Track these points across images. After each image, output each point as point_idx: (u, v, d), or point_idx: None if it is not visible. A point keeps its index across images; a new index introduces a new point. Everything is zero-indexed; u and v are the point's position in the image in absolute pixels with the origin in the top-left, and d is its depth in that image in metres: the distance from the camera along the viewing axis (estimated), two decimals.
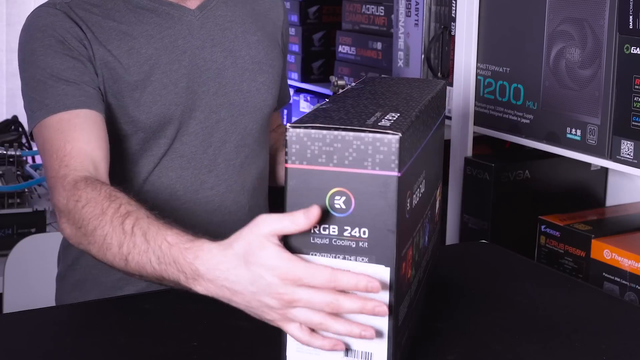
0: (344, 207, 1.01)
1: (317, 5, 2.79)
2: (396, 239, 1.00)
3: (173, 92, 1.48)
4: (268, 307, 1.05)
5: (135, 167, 1.50)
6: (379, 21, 2.38)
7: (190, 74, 1.50)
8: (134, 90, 1.46)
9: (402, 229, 1.01)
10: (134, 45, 1.46)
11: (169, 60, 1.48)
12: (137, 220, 1.20)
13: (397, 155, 0.98)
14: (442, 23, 2.06)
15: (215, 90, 1.52)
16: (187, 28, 1.51)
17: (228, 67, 1.53)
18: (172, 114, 1.48)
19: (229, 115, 1.53)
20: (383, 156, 0.98)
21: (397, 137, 0.97)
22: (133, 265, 1.19)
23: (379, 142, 0.98)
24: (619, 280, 1.62)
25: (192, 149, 1.51)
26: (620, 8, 1.56)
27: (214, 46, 1.52)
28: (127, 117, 1.46)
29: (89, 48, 1.44)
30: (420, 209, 1.13)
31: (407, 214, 1.03)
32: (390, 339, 1.03)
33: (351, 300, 1.01)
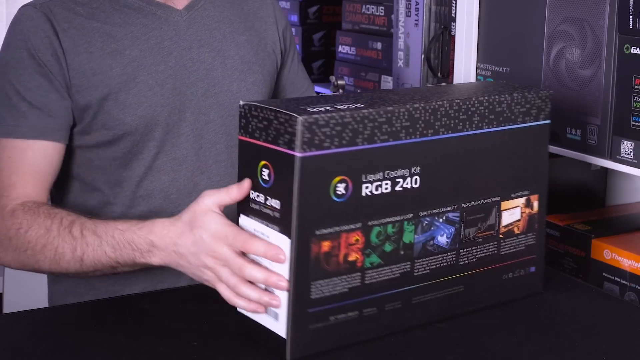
0: (267, 179, 1.15)
1: (317, 5, 2.79)
2: (297, 216, 1.10)
3: (159, 94, 1.47)
4: (205, 267, 1.21)
5: (126, 172, 1.49)
6: (379, 21, 2.38)
7: (177, 75, 1.48)
8: (118, 92, 1.44)
9: (319, 208, 1.12)
10: (117, 47, 1.45)
11: (154, 61, 1.47)
12: (82, 224, 1.33)
13: (299, 136, 1.08)
14: (442, 23, 2.06)
15: (204, 91, 1.51)
16: (173, 29, 1.49)
17: (217, 67, 1.52)
18: (159, 116, 1.47)
19: (219, 117, 1.52)
20: (289, 136, 1.10)
21: (301, 119, 1.08)
22: (88, 263, 1.32)
23: (287, 123, 1.10)
24: (619, 280, 1.62)
25: (184, 151, 1.50)
26: (620, 8, 1.56)
27: (201, 47, 1.51)
28: (113, 121, 1.45)
29: (63, 60, 1.42)
30: (394, 201, 1.19)
31: (335, 198, 1.13)
32: (289, 314, 1.14)
33: (257, 269, 1.15)
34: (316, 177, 1.12)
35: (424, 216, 1.23)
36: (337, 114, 1.12)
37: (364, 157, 1.15)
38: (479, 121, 1.27)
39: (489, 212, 1.31)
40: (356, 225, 1.16)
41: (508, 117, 1.30)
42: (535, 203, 1.34)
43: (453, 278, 1.28)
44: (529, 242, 1.34)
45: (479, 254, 1.30)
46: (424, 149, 1.21)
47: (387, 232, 1.20)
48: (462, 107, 1.25)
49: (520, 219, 1.33)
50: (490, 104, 1.29)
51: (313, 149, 1.10)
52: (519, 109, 1.31)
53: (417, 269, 1.24)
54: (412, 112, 1.19)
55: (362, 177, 1.16)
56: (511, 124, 1.30)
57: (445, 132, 1.23)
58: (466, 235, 1.29)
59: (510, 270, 1.33)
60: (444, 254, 1.26)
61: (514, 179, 1.32)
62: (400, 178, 1.20)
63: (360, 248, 1.17)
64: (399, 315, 1.23)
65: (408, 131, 1.19)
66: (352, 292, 1.18)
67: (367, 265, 1.19)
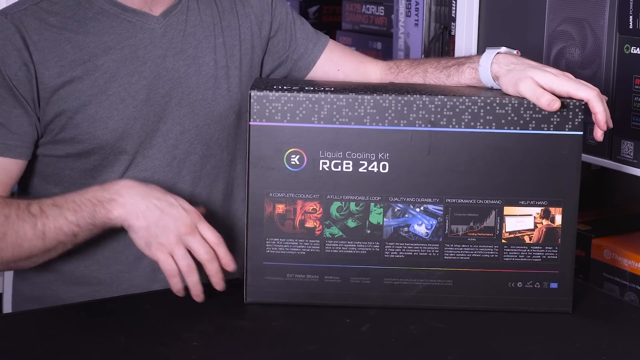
0: None
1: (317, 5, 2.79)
2: (250, 176, 1.31)
3: (131, 106, 1.43)
4: (169, 230, 1.30)
5: (96, 182, 1.43)
6: (379, 21, 2.38)
7: (152, 85, 1.44)
8: (88, 105, 1.41)
9: (273, 174, 1.30)
10: (89, 57, 1.41)
11: (127, 72, 1.43)
12: (40, 202, 1.35)
13: (251, 108, 1.29)
14: (442, 23, 2.06)
15: (178, 100, 1.47)
16: (149, 37, 1.45)
17: (191, 75, 1.48)
18: (131, 129, 1.43)
19: (194, 126, 1.48)
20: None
21: (252, 93, 1.29)
22: (50, 236, 1.33)
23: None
24: (619, 280, 1.62)
25: (155, 162, 1.46)
26: (620, 8, 1.56)
27: (176, 54, 1.47)
28: (83, 134, 1.41)
29: (32, 73, 1.39)
30: (358, 182, 1.30)
31: (289, 167, 1.30)
32: (245, 262, 1.35)
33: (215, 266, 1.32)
34: (268, 146, 1.30)
35: (395, 202, 1.30)
36: (290, 93, 1.29)
37: (320, 135, 1.29)
38: (470, 120, 1.29)
39: (485, 213, 1.31)
40: (313, 196, 1.31)
41: (513, 120, 1.29)
42: (557, 216, 1.31)
43: (436, 270, 1.31)
44: (548, 255, 1.32)
45: (472, 254, 1.31)
46: (394, 138, 1.29)
47: (350, 209, 1.31)
48: (446, 104, 1.28)
49: (533, 228, 1.32)
50: (487, 105, 1.29)
51: (264, 120, 1.29)
52: (531, 114, 1.29)
53: (388, 251, 1.31)
54: (379, 101, 1.29)
55: (320, 153, 1.30)
56: (518, 128, 1.29)
57: (424, 125, 1.29)
58: (453, 230, 1.31)
59: (519, 280, 1.32)
60: (423, 243, 1.31)
61: (524, 186, 1.31)
62: (365, 161, 1.30)
63: (318, 217, 1.31)
64: (367, 291, 1.32)
65: (374, 118, 1.29)
66: (310, 257, 1.32)
67: (327, 235, 1.31)
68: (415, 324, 1.28)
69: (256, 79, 1.41)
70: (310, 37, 1.62)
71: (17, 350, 1.18)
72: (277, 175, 1.30)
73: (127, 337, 1.22)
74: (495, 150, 1.30)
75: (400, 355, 1.19)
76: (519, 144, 1.30)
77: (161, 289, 1.46)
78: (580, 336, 1.26)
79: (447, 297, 1.32)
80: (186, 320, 1.28)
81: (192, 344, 1.20)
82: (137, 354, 1.17)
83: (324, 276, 1.32)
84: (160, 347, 1.19)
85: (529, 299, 1.32)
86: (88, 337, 1.22)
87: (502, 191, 1.31)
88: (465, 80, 1.44)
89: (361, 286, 1.32)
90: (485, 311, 1.31)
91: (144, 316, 1.30)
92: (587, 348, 1.22)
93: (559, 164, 1.30)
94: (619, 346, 1.23)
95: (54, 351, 1.18)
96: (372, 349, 1.20)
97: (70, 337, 1.22)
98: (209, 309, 1.32)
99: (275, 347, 1.21)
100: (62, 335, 1.24)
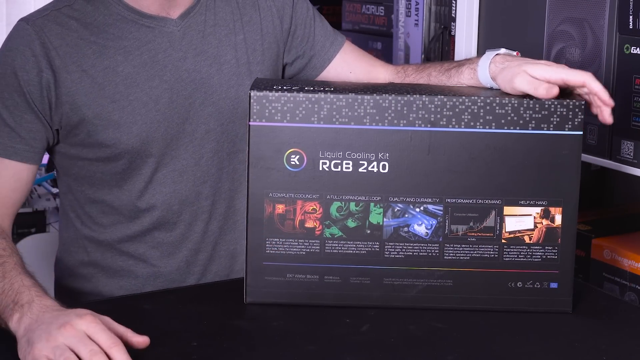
0: None
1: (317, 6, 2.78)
2: (250, 176, 1.30)
3: (154, 110, 1.44)
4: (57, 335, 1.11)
5: (127, 185, 1.48)
6: (379, 21, 2.38)
7: (173, 89, 1.46)
8: (112, 112, 1.43)
9: (273, 174, 1.30)
10: (110, 63, 1.43)
11: (148, 76, 1.44)
12: (3, 264, 1.26)
13: (251, 108, 1.29)
14: (442, 23, 2.06)
15: (202, 100, 1.48)
16: (167, 40, 1.46)
17: (213, 75, 1.49)
18: (155, 132, 1.45)
19: (219, 125, 1.49)
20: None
21: (252, 93, 1.29)
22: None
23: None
24: (619, 280, 1.62)
25: (184, 162, 1.48)
26: (620, 8, 1.56)
27: (197, 55, 1.48)
28: (109, 139, 1.44)
29: (51, 79, 1.40)
30: (358, 182, 1.30)
31: (289, 167, 1.30)
32: (246, 263, 1.32)
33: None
34: (268, 146, 1.30)
35: (394, 202, 1.30)
36: (290, 93, 1.29)
37: (320, 135, 1.29)
38: (470, 120, 1.29)
39: (485, 213, 1.31)
40: (313, 196, 1.31)
41: (514, 120, 1.29)
42: (557, 216, 1.31)
43: (437, 270, 1.31)
44: (548, 255, 1.32)
45: (471, 253, 1.31)
46: (394, 138, 1.29)
47: (350, 209, 1.31)
48: (446, 104, 1.28)
49: (533, 228, 1.32)
50: (487, 105, 1.29)
51: (264, 120, 1.29)
52: (530, 114, 1.29)
53: (388, 251, 1.31)
54: (378, 101, 1.29)
55: (320, 153, 1.30)
56: (519, 128, 1.29)
57: (423, 125, 1.29)
58: (452, 230, 1.31)
59: (519, 280, 1.32)
60: (423, 243, 1.31)
61: (524, 186, 1.31)
62: (364, 161, 1.30)
63: (318, 218, 1.31)
64: (367, 291, 1.32)
65: (374, 118, 1.29)
66: (310, 257, 1.31)
67: (327, 235, 1.32)
68: (415, 324, 1.28)
69: (256, 79, 1.41)
70: (328, 35, 1.63)
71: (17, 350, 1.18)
72: (277, 175, 1.30)
73: None
74: (495, 150, 1.30)
75: (400, 355, 1.19)
76: (518, 143, 1.30)
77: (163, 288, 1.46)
78: (580, 336, 1.26)
79: (447, 297, 1.32)
80: (186, 320, 1.28)
81: (192, 344, 1.20)
82: (137, 354, 1.17)
83: (324, 276, 1.32)
84: (160, 347, 1.19)
85: (529, 299, 1.32)
86: None
87: (502, 191, 1.31)
88: (464, 80, 1.45)
89: (361, 286, 1.32)
90: (485, 311, 1.31)
91: (144, 316, 1.30)
92: (587, 348, 1.22)
93: (559, 163, 1.30)
94: (619, 346, 1.23)
95: None
96: (372, 349, 1.20)
97: None
98: (209, 309, 1.32)
99: (275, 347, 1.21)
100: None
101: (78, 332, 1.10)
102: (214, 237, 1.53)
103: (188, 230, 1.51)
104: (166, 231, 1.50)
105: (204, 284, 1.50)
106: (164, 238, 1.51)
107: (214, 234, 1.52)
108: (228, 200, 1.53)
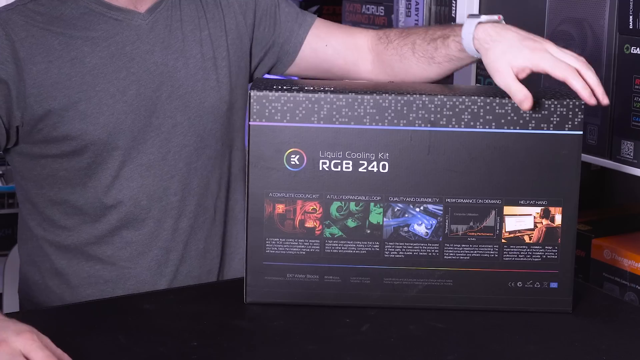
0: None
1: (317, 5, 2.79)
2: (250, 176, 1.30)
3: (121, 101, 1.44)
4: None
5: (92, 182, 1.46)
6: (379, 21, 2.38)
7: (141, 81, 1.45)
8: (78, 102, 1.42)
9: (273, 174, 1.30)
10: (77, 54, 1.42)
11: (115, 68, 1.44)
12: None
13: (251, 108, 1.30)
14: (442, 23, 2.06)
15: (169, 94, 1.47)
16: (135, 33, 1.46)
17: (179, 68, 1.48)
18: (122, 124, 1.44)
19: (186, 119, 1.48)
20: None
21: (251, 93, 1.29)
22: None
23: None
24: (619, 280, 1.62)
25: (151, 156, 1.47)
26: (620, 8, 1.56)
27: (164, 49, 1.48)
28: (75, 131, 1.42)
29: (13, 71, 1.38)
30: (358, 182, 1.31)
31: (288, 167, 1.30)
32: (245, 262, 1.32)
33: None
34: (268, 145, 1.30)
35: (394, 202, 1.31)
36: (290, 93, 1.29)
37: (320, 134, 1.30)
38: (470, 120, 1.29)
39: (485, 213, 1.31)
40: (313, 196, 1.31)
41: (513, 120, 1.30)
42: (557, 216, 1.31)
43: (437, 270, 1.32)
44: (548, 255, 1.32)
45: (471, 253, 1.31)
46: (394, 138, 1.30)
47: (350, 208, 1.31)
48: (446, 103, 1.29)
49: (533, 228, 1.32)
50: (487, 105, 1.29)
51: (264, 120, 1.29)
52: (530, 114, 1.29)
53: (388, 251, 1.31)
54: (378, 101, 1.29)
55: (320, 153, 1.30)
56: (518, 128, 1.30)
57: (423, 125, 1.30)
58: (452, 230, 1.31)
59: (519, 280, 1.32)
60: (423, 243, 1.31)
61: (524, 186, 1.31)
62: (364, 161, 1.30)
63: (318, 217, 1.31)
64: (368, 291, 1.32)
65: (374, 118, 1.29)
66: (310, 257, 1.32)
67: (327, 235, 1.32)
68: (415, 324, 1.28)
69: (256, 79, 1.41)
70: (296, 18, 1.62)
71: None
72: (277, 175, 1.31)
73: (127, 337, 1.22)
74: (495, 150, 1.30)
75: (400, 355, 1.19)
76: (518, 143, 1.30)
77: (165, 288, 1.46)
78: (580, 336, 1.26)
79: (447, 297, 1.32)
80: (186, 320, 1.28)
81: (192, 344, 1.20)
82: (137, 354, 1.17)
83: (324, 276, 1.32)
84: (160, 347, 1.19)
85: (529, 299, 1.32)
86: (88, 337, 1.22)
87: (502, 191, 1.31)
88: (452, 52, 1.45)
89: (361, 286, 1.32)
90: (485, 311, 1.31)
91: (144, 316, 1.30)
92: (587, 348, 1.22)
93: (559, 163, 1.30)
94: (619, 346, 1.23)
95: None
96: (372, 349, 1.20)
97: (70, 337, 1.22)
98: (209, 309, 1.32)
99: (275, 347, 1.21)
100: (62, 335, 1.23)
101: (14, 351, 1.05)
102: (184, 235, 1.51)
103: (157, 227, 1.49)
104: (135, 229, 1.48)
105: (204, 284, 1.50)
106: (133, 237, 1.48)
107: (184, 232, 1.51)
108: (198, 197, 1.51)
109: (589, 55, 1.62)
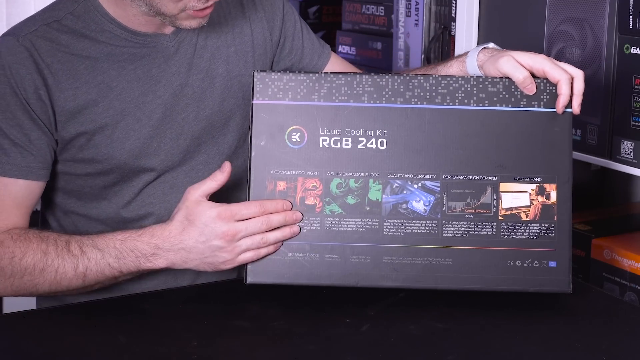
0: None
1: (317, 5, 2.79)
2: (253, 154, 1.34)
3: (147, 125, 1.43)
4: (219, 249, 1.31)
5: (116, 198, 1.47)
6: (379, 21, 2.38)
7: (167, 104, 1.44)
8: (105, 128, 1.41)
9: (275, 151, 1.33)
10: (103, 79, 1.41)
11: (142, 92, 1.43)
12: (80, 241, 1.36)
13: (254, 86, 1.34)
14: (442, 23, 2.06)
15: (195, 115, 1.47)
16: (162, 56, 1.45)
17: (205, 89, 1.48)
18: (148, 148, 1.44)
19: (210, 137, 1.49)
20: None
21: (255, 72, 1.35)
22: (91, 277, 1.35)
23: None
24: (619, 280, 1.62)
25: (174, 174, 1.48)
26: (620, 8, 1.56)
27: (190, 69, 1.47)
28: (101, 155, 1.43)
29: (46, 97, 1.38)
30: (357, 158, 1.34)
31: (290, 144, 1.34)
32: None
33: (278, 215, 1.32)
34: (271, 123, 1.34)
35: (393, 178, 1.33)
36: (292, 73, 1.35)
37: (320, 112, 1.34)
38: (464, 98, 1.34)
39: (481, 189, 1.33)
40: (313, 173, 1.34)
41: (505, 98, 1.34)
42: (552, 193, 1.34)
43: (436, 248, 1.33)
44: (545, 233, 1.33)
45: (470, 231, 1.33)
46: (392, 115, 1.34)
47: (350, 185, 1.34)
48: (440, 82, 1.34)
49: (529, 205, 1.33)
50: (479, 83, 1.34)
51: (266, 99, 1.34)
52: (522, 92, 1.34)
53: (388, 229, 1.33)
54: (376, 80, 1.35)
55: (320, 130, 1.34)
56: (510, 105, 1.34)
57: (419, 102, 1.34)
58: (450, 207, 1.33)
59: (518, 258, 1.33)
60: (421, 220, 1.33)
61: (518, 162, 1.34)
62: (363, 137, 1.34)
63: (319, 195, 1.34)
64: (368, 270, 1.33)
65: (372, 96, 1.34)
66: (310, 235, 1.33)
67: (327, 212, 1.34)
68: (415, 324, 1.28)
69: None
70: (316, 48, 1.65)
71: (17, 350, 1.18)
72: (279, 152, 1.34)
73: (127, 337, 1.22)
74: (488, 127, 1.34)
75: (400, 355, 1.19)
76: (511, 121, 1.34)
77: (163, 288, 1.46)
78: (580, 336, 1.26)
79: (447, 276, 1.33)
80: (186, 320, 1.28)
81: (192, 344, 1.20)
82: (137, 354, 1.17)
83: (324, 255, 1.33)
84: (160, 347, 1.19)
85: (529, 278, 1.33)
86: (88, 337, 1.22)
87: (498, 167, 1.34)
88: (453, 72, 1.48)
89: (361, 265, 1.33)
90: (485, 291, 1.32)
91: (144, 316, 1.30)
92: (587, 348, 1.22)
93: (551, 140, 1.34)
94: (619, 346, 1.23)
95: (54, 351, 1.19)
96: (372, 349, 1.20)
97: (70, 337, 1.22)
98: (209, 309, 1.32)
99: (275, 347, 1.21)
100: (62, 335, 1.24)
101: (230, 231, 1.30)
102: None
103: None
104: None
105: (204, 284, 1.50)
106: None
107: None
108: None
109: (589, 55, 1.62)
